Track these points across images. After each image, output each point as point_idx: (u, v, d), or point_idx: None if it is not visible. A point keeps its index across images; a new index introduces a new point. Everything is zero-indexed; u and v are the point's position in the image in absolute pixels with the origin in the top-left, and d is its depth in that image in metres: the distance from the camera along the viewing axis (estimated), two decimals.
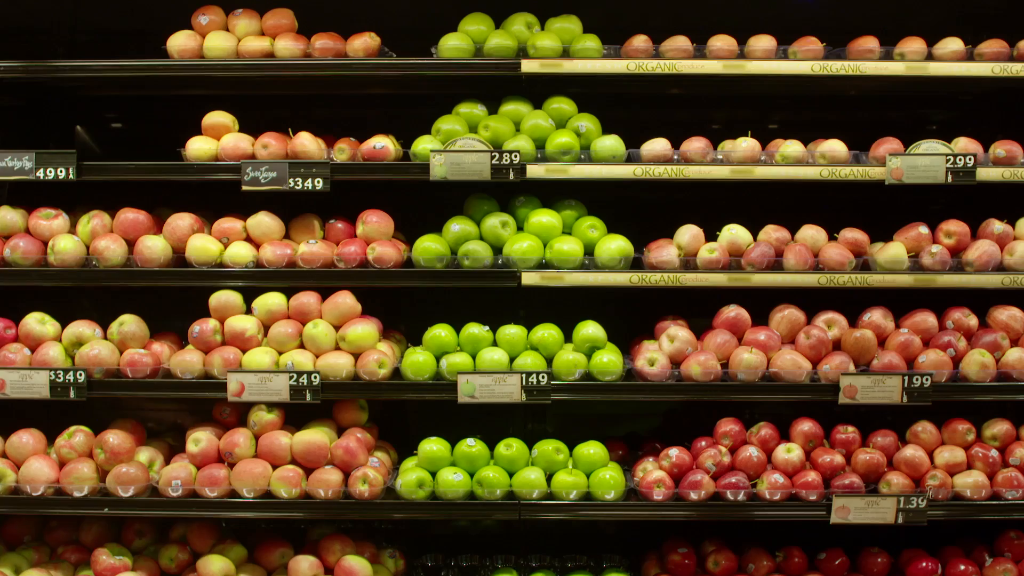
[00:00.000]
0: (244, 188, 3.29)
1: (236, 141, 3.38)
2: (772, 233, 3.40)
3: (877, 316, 3.36)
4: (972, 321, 3.37)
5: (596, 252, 3.36)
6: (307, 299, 3.37)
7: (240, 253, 3.34)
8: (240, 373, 3.23)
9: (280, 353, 3.32)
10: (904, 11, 3.58)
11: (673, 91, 3.70)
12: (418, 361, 3.29)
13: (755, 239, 3.41)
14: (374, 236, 3.37)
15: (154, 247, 3.32)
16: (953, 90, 3.67)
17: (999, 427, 3.32)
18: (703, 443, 3.34)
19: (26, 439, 3.31)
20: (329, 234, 3.44)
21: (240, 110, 3.53)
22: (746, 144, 3.39)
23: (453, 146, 3.30)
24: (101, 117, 3.98)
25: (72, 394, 3.23)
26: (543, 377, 3.23)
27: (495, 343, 3.37)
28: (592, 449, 3.32)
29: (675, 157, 3.40)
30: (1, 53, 3.34)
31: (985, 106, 3.80)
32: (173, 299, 3.48)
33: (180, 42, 3.39)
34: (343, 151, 3.39)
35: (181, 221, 3.37)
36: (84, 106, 3.89)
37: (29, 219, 3.40)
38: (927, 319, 3.36)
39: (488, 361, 3.29)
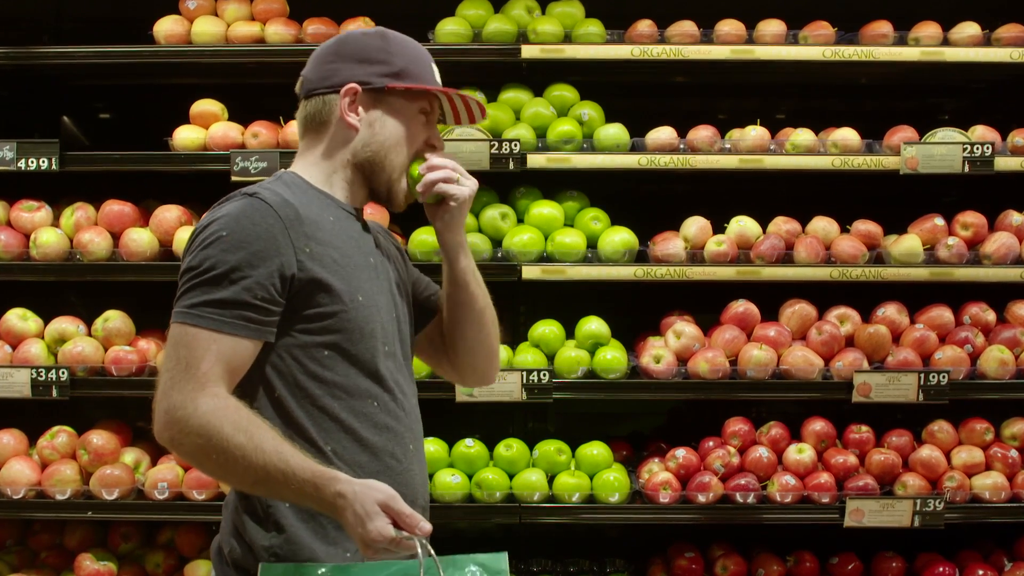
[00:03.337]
0: (233, 179, 3.18)
1: (225, 130, 3.27)
2: (782, 225, 3.29)
3: (891, 311, 3.25)
4: (990, 316, 3.26)
5: (599, 245, 3.25)
6: None
7: None
8: None
9: None
10: None
11: (678, 79, 3.61)
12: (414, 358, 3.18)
13: (764, 231, 3.30)
14: None
15: (140, 240, 3.21)
16: (967, 77, 3.57)
17: (1019, 426, 3.20)
18: (711, 443, 3.23)
19: (6, 440, 3.19)
20: None
21: (230, 99, 3.42)
22: (755, 133, 3.29)
23: (450, 135, 3.19)
24: (88, 107, 3.88)
25: (55, 393, 3.11)
26: (544, 375, 3.12)
27: None
28: (595, 450, 3.21)
29: (681, 146, 3.29)
30: None
31: (998, 94, 3.70)
32: (160, 294, 3.34)
33: (167, 27, 3.29)
34: None
35: (168, 213, 3.26)
36: (71, 96, 3.79)
37: (10, 211, 3.29)
38: (943, 314, 3.25)
39: None
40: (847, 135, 3.28)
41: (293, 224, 1.82)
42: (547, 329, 3.25)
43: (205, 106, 3.34)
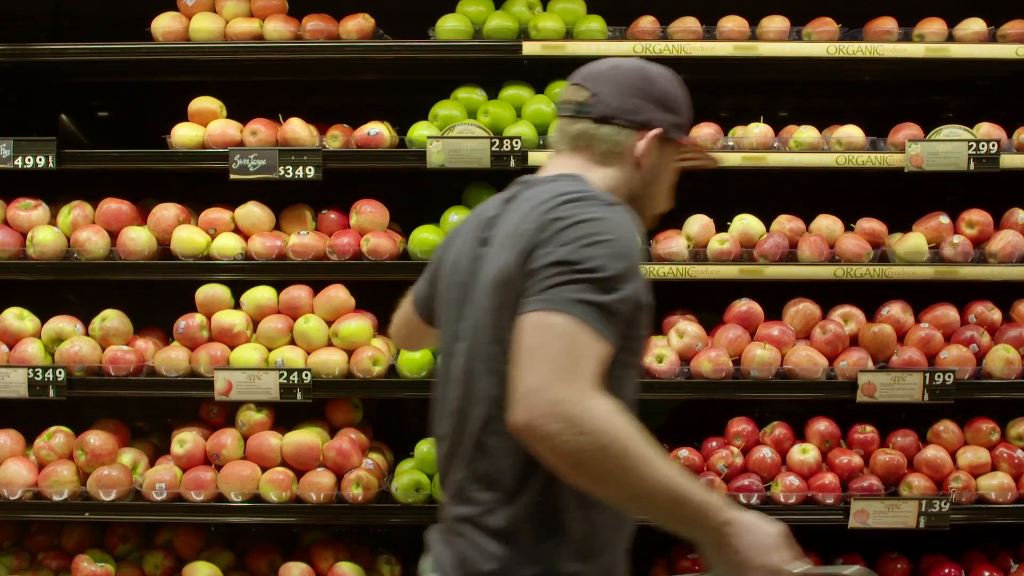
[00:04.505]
0: (232, 177, 3.16)
1: (223, 128, 3.24)
2: (786, 223, 3.26)
3: (896, 310, 3.22)
4: (996, 315, 3.23)
5: None
6: (298, 293, 3.23)
7: (228, 245, 3.19)
8: (228, 371, 3.09)
9: (270, 350, 3.18)
10: None
11: (680, 76, 3.56)
12: (415, 358, 3.14)
13: (768, 230, 3.27)
14: (368, 227, 3.23)
15: (138, 239, 3.18)
16: (972, 74, 3.54)
17: None
18: (714, 443, 3.20)
19: (3, 440, 3.17)
20: (321, 225, 3.30)
21: (229, 97, 3.39)
22: (758, 130, 3.26)
23: (451, 132, 3.17)
24: (86, 105, 3.85)
25: (51, 393, 3.09)
26: None
27: None
28: None
29: None
30: None
31: (1004, 91, 3.66)
32: (158, 293, 3.35)
33: (165, 24, 3.25)
34: (336, 138, 3.26)
35: (166, 212, 3.23)
36: (68, 94, 3.77)
37: (7, 209, 3.26)
38: (948, 313, 3.22)
39: None
40: (851, 132, 3.25)
41: (638, 244, 1.85)
42: None
43: (203, 103, 3.31)
